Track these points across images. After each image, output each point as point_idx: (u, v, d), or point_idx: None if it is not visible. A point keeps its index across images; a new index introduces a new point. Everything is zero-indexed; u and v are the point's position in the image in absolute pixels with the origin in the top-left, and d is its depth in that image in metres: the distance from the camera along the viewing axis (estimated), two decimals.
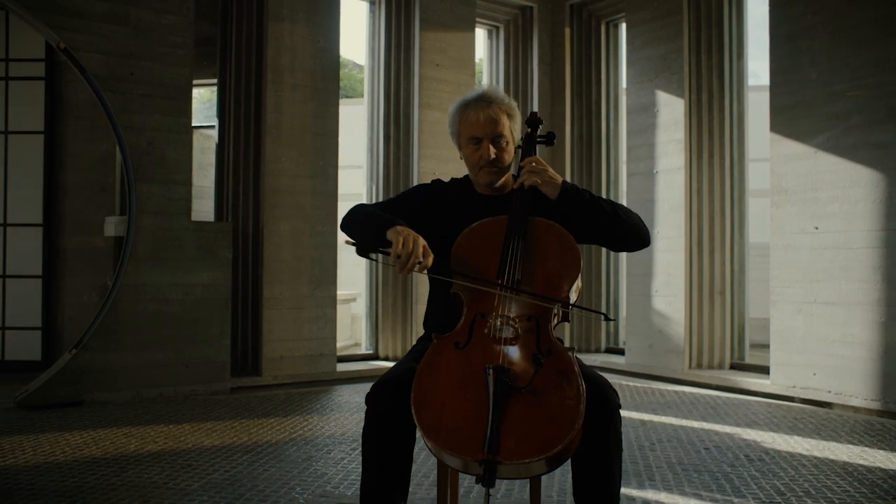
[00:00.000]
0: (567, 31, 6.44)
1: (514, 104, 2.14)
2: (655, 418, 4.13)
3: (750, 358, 5.47)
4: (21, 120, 5.46)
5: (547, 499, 2.67)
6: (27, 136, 5.45)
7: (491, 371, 1.71)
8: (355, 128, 6.58)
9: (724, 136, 5.41)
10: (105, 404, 4.29)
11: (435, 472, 2.87)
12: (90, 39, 4.34)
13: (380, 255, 1.91)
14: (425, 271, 1.90)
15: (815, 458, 3.30)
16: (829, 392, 4.44)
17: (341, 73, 5.55)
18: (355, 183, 6.58)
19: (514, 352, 1.79)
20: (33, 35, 5.12)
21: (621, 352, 6.03)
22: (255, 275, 5.12)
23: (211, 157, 5.43)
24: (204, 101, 16.65)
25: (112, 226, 4.79)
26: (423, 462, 3.10)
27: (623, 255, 6.02)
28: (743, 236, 5.45)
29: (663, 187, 5.53)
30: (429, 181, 2.30)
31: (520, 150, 2.18)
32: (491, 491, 1.62)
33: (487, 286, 1.90)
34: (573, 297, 1.99)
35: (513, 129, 2.11)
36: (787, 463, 3.21)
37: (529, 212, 2.02)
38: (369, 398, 1.89)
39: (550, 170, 2.04)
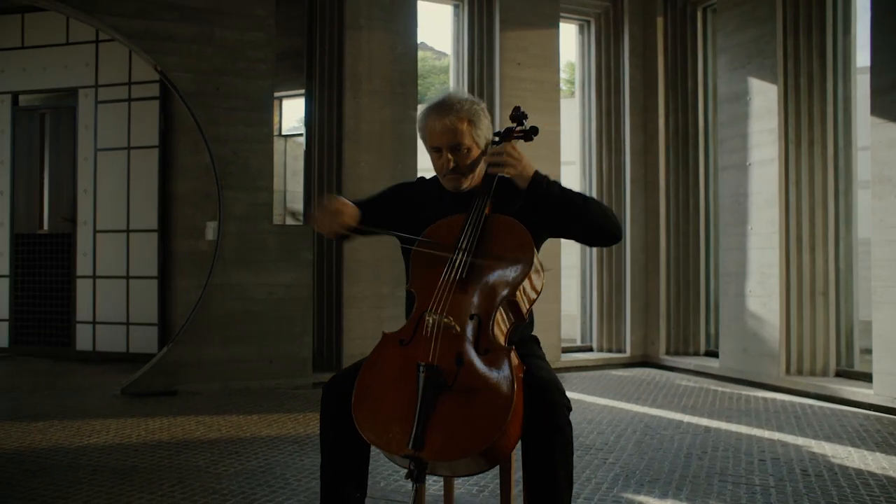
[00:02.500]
0: (659, 20, 6.17)
1: (476, 108, 2.09)
2: (724, 426, 3.87)
3: (861, 365, 4.96)
4: (140, 136, 6.07)
5: None
6: (145, 151, 6.04)
7: (422, 368, 1.73)
8: None
9: (825, 122, 4.95)
10: (195, 395, 4.67)
11: None
12: (181, 60, 4.75)
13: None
14: (349, 230, 2.04)
15: (887, 477, 2.96)
16: None
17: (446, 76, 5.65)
18: None
19: (447, 350, 1.78)
20: None
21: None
22: (337, 275, 5.34)
23: (302, 164, 5.75)
24: None
25: (210, 230, 5.22)
26: None
27: (720, 254, 5.66)
28: (850, 231, 4.95)
29: (756, 180, 5.15)
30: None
31: (493, 144, 2.16)
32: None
33: (439, 249, 1.94)
34: (532, 292, 1.95)
35: (475, 135, 2.08)
36: (848, 480, 2.91)
37: (489, 207, 2.02)
38: (325, 391, 1.96)
39: (525, 159, 2.01)
